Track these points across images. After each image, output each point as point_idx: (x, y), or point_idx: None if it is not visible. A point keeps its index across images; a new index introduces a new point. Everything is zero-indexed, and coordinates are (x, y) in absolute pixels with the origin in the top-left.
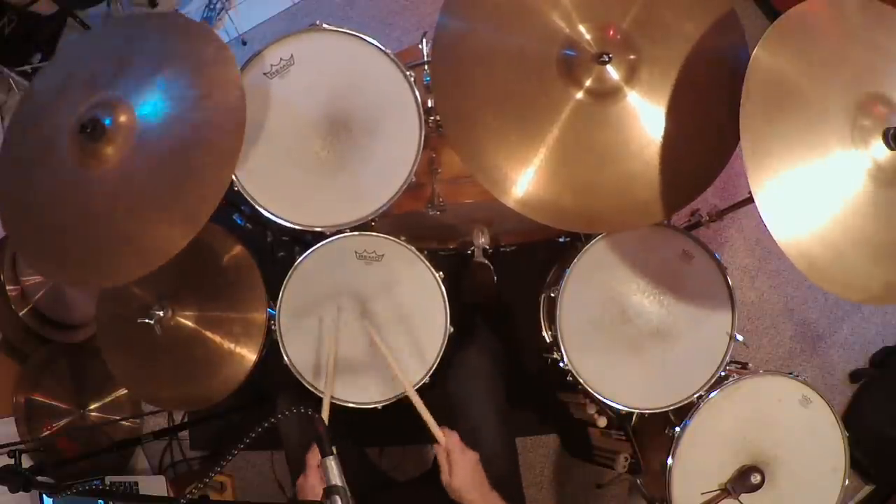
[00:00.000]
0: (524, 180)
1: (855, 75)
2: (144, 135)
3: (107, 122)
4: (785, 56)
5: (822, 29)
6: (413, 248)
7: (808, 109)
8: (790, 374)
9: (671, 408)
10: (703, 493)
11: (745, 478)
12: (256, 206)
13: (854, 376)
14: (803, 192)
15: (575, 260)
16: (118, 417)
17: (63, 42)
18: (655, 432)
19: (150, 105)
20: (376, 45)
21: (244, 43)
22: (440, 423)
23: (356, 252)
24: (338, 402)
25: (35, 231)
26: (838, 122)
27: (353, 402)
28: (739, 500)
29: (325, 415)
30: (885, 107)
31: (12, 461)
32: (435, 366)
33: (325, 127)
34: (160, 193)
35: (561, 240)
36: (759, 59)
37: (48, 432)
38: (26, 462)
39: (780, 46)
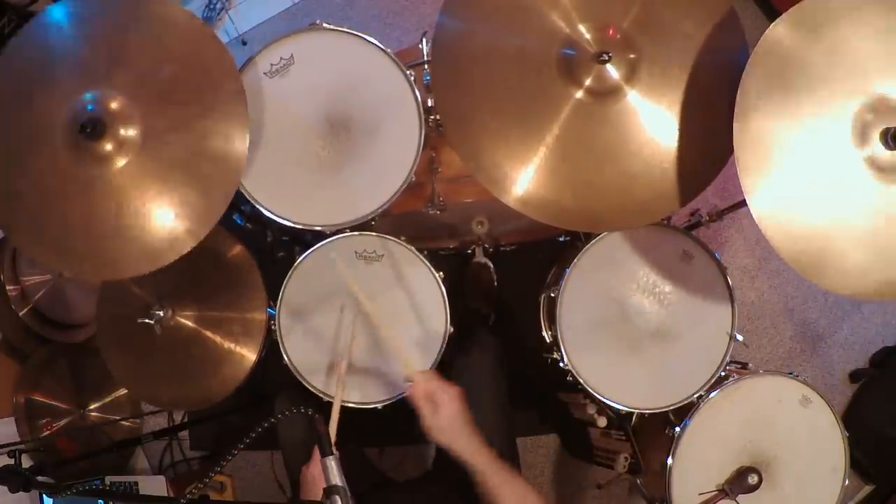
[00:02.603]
0: (524, 179)
1: (863, 70)
2: (147, 137)
3: (107, 122)
4: (799, 37)
5: (840, 18)
6: (413, 248)
7: (811, 96)
8: (790, 374)
9: (671, 408)
10: (700, 494)
11: (743, 479)
12: (256, 206)
13: (854, 376)
14: (797, 184)
15: (575, 260)
16: (118, 417)
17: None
18: (655, 432)
19: (151, 104)
20: (376, 45)
21: (244, 43)
22: None
23: (356, 252)
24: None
25: (31, 220)
26: (840, 115)
27: (353, 403)
28: (737, 501)
29: (333, 423)
30: (888, 105)
31: (12, 461)
32: (435, 366)
33: (325, 126)
34: (167, 195)
35: (561, 239)
36: (774, 34)
37: (48, 432)
38: (26, 462)
39: (797, 27)
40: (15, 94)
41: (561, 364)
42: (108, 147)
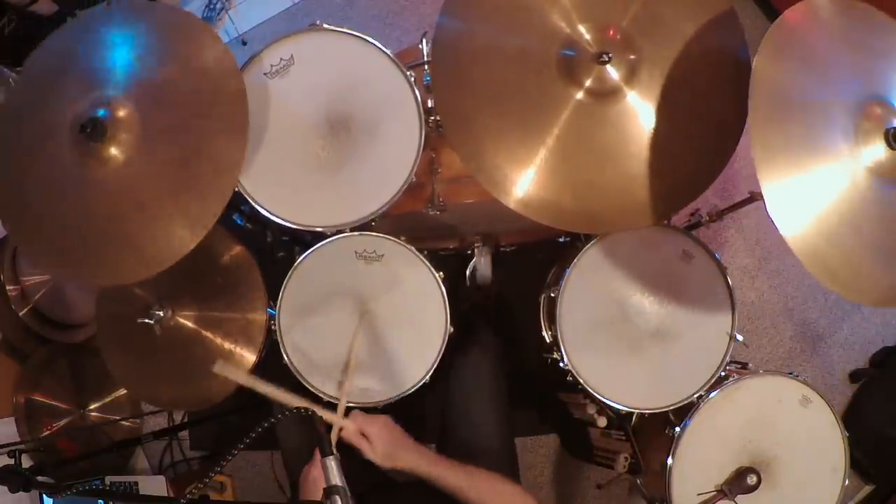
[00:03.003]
0: (524, 180)
1: (850, 79)
2: (147, 138)
3: (107, 122)
4: (782, 69)
5: (810, 39)
6: (413, 248)
7: (813, 117)
8: (790, 374)
9: (671, 408)
10: (699, 494)
11: (742, 479)
12: (256, 206)
13: (854, 376)
14: (813, 198)
15: (575, 260)
16: (118, 417)
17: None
18: (655, 432)
19: (152, 105)
20: (376, 45)
21: (244, 43)
22: (442, 424)
23: (356, 252)
24: (336, 402)
25: (34, 225)
26: (842, 127)
27: (353, 402)
28: (735, 502)
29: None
30: (881, 108)
31: (12, 461)
32: (435, 366)
33: (326, 127)
34: (164, 197)
35: (561, 240)
36: (759, 72)
37: (48, 432)
38: (26, 462)
39: (775, 60)
40: (34, 95)
41: (561, 364)
42: (108, 147)
